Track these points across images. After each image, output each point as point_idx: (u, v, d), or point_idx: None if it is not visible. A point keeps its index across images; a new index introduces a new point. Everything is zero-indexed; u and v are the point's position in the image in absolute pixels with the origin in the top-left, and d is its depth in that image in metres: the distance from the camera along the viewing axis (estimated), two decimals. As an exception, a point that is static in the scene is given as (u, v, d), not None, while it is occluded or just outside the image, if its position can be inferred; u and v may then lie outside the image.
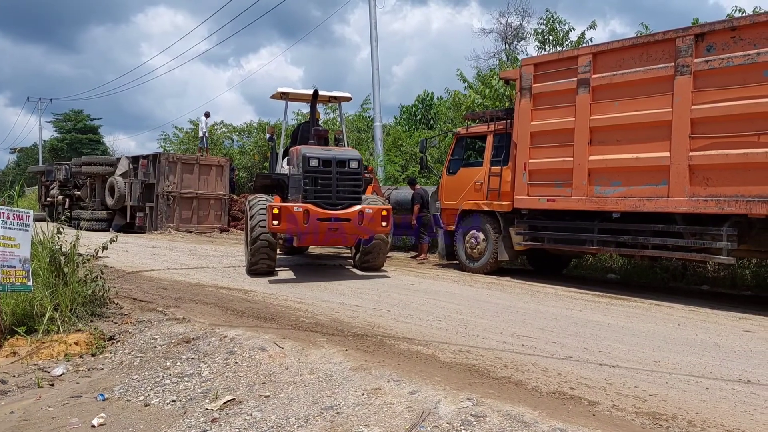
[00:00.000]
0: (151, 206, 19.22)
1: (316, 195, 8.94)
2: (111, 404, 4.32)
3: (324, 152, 9.14)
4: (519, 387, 4.32)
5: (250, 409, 4.06)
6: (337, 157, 9.10)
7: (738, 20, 7.68)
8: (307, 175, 8.93)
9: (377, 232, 9.49)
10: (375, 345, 5.37)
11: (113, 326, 6.25)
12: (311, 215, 8.61)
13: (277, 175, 10.06)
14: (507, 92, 15.26)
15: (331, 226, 8.85)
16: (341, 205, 9.00)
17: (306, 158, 8.91)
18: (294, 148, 9.78)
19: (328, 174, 9.01)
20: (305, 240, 9.42)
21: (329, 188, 9.00)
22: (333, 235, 9.16)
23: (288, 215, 8.50)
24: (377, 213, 9.02)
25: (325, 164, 9.01)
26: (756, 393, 4.32)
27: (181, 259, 11.90)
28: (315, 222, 8.66)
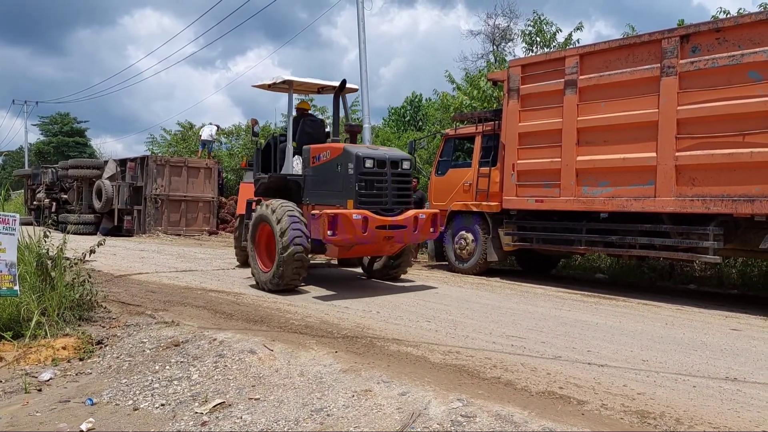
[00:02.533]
0: (139, 209, 19.10)
1: (372, 200, 7.92)
2: (99, 409, 4.29)
3: (377, 152, 8.18)
4: (508, 387, 4.34)
5: (240, 412, 4.05)
6: (391, 158, 8.15)
7: (722, 21, 7.76)
8: (362, 177, 7.84)
9: (428, 239, 8.78)
10: (365, 346, 5.38)
11: (101, 330, 6.21)
12: (370, 223, 7.63)
13: (293, 177, 8.87)
14: (495, 93, 15.32)
15: (388, 234, 7.91)
16: (395, 210, 8.10)
17: (360, 159, 7.84)
18: (328, 146, 8.57)
19: (382, 176, 8.02)
20: (355, 251, 8.48)
21: (384, 192, 8.02)
22: (386, 244, 8.23)
23: (345, 224, 7.46)
24: (429, 218, 8.28)
25: (379, 165, 8.01)
26: (742, 391, 4.36)
27: (170, 262, 11.84)
28: (373, 230, 7.68)
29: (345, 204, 7.89)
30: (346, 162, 7.96)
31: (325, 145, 8.71)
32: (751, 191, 7.25)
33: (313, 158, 8.61)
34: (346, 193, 7.92)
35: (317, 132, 9.47)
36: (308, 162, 8.71)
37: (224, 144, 25.98)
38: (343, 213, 7.51)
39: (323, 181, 8.40)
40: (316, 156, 8.58)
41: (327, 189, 8.32)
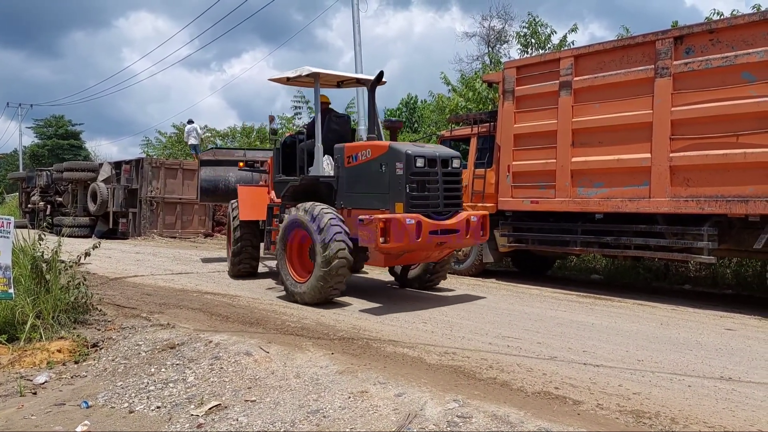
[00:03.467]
0: (134, 212, 19.05)
1: (423, 202, 7.20)
2: (95, 411, 4.28)
3: (426, 149, 7.45)
4: (504, 387, 4.34)
5: (236, 414, 4.05)
6: (441, 155, 7.44)
7: (716, 23, 7.79)
8: (412, 178, 7.11)
9: (478, 243, 8.06)
10: (361, 348, 5.38)
11: (97, 333, 6.19)
12: (424, 228, 6.92)
13: (326, 179, 8.08)
14: (490, 95, 15.36)
15: (440, 239, 7.22)
16: (447, 213, 7.42)
17: (411, 157, 7.09)
18: (368, 144, 7.73)
19: (434, 176, 7.32)
20: (403, 259, 7.69)
21: (435, 193, 7.32)
22: (436, 250, 7.56)
23: (399, 230, 6.76)
24: (480, 220, 7.62)
25: (430, 164, 7.29)
26: (737, 390, 4.38)
27: (165, 265, 11.82)
28: (427, 236, 6.97)
29: (392, 208, 7.17)
30: (393, 161, 7.19)
31: (364, 143, 7.95)
32: (744, 192, 7.29)
33: (348, 158, 7.81)
34: (394, 195, 7.19)
35: (343, 129, 8.80)
36: (342, 162, 7.89)
37: (220, 146, 25.90)
38: (396, 218, 6.81)
39: (362, 183, 7.63)
40: (353, 155, 7.76)
41: (367, 191, 7.55)
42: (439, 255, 7.93)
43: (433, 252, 7.60)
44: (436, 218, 7.18)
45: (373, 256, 7.39)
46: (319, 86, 8.37)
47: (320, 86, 8.50)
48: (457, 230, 7.33)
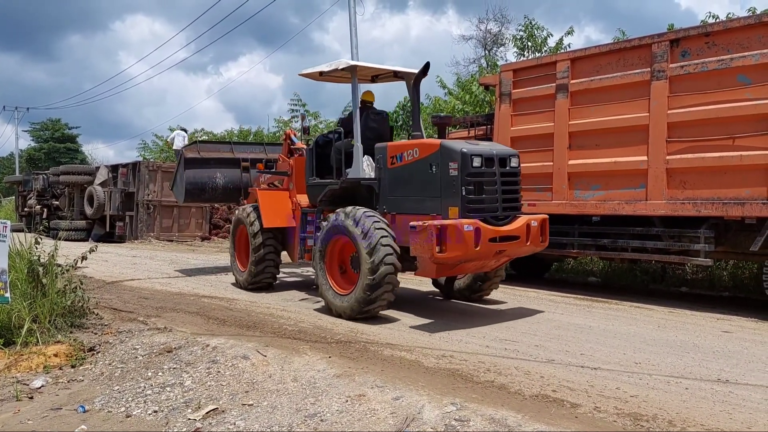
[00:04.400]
0: (131, 215, 19.01)
1: (481, 206, 6.52)
2: (92, 416, 4.27)
3: (482, 147, 6.76)
4: (502, 391, 4.35)
5: (233, 418, 4.04)
6: (499, 154, 6.78)
7: (712, 26, 7.82)
8: (469, 179, 6.43)
9: (538, 250, 7.24)
10: (358, 351, 5.38)
11: (93, 337, 6.18)
12: (483, 235, 6.25)
13: (368, 181, 7.42)
14: (487, 98, 15.39)
15: (500, 247, 6.57)
16: (506, 218, 6.74)
17: (467, 157, 6.42)
18: (416, 143, 7.09)
19: (491, 177, 6.64)
20: (458, 269, 6.96)
21: (494, 196, 6.65)
22: (493, 259, 6.88)
23: (456, 237, 6.07)
24: (540, 225, 6.93)
25: (487, 163, 6.62)
26: (734, 392, 4.39)
27: (162, 268, 11.80)
28: (486, 244, 6.31)
29: (445, 212, 6.51)
30: (445, 161, 6.54)
31: (411, 141, 7.33)
32: (741, 194, 7.31)
33: (392, 158, 7.16)
34: (448, 199, 6.52)
35: (382, 127, 8.08)
36: (384, 162, 7.25)
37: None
38: (453, 224, 6.13)
39: (409, 186, 6.98)
40: (397, 155, 7.11)
41: (415, 195, 6.91)
42: (495, 264, 7.18)
43: (489, 261, 6.91)
44: (494, 223, 6.53)
45: (424, 267, 6.56)
46: (357, 81, 7.73)
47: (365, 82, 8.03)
48: (518, 237, 6.66)
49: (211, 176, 10.78)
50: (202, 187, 10.74)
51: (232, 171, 10.84)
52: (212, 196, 11.15)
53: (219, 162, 10.93)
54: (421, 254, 6.27)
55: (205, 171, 10.81)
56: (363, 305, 6.61)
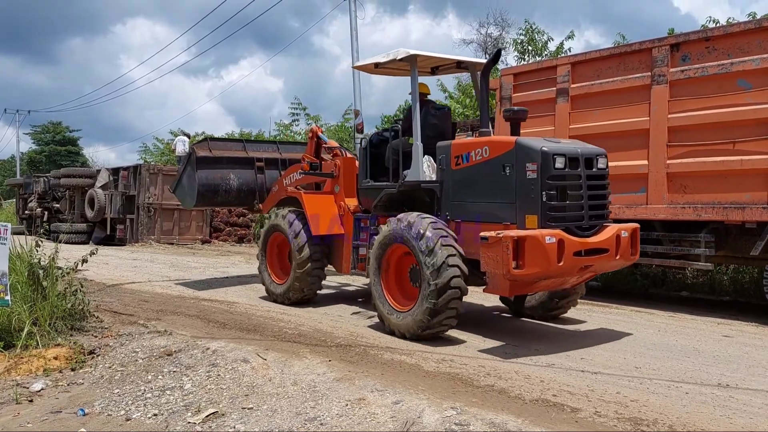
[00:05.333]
0: (131, 218, 19.01)
1: (564, 214, 5.66)
2: (92, 419, 4.27)
3: (565, 146, 5.91)
4: (502, 395, 4.34)
5: (233, 422, 4.04)
6: (585, 153, 5.89)
7: (712, 30, 7.84)
8: (551, 183, 5.57)
9: (627, 265, 6.51)
10: (358, 355, 5.37)
11: (93, 340, 6.17)
12: (567, 248, 5.40)
13: (429, 184, 6.65)
14: (488, 102, 15.37)
15: (586, 262, 5.70)
16: (593, 228, 5.87)
17: (548, 156, 5.57)
18: (485, 140, 6.24)
19: (577, 180, 5.77)
20: (536, 287, 6.01)
21: (579, 202, 5.77)
22: (576, 276, 5.94)
23: (536, 251, 5.24)
24: (631, 235, 6.07)
25: (572, 165, 5.75)
26: (735, 397, 4.38)
27: (163, 271, 11.80)
28: (570, 259, 5.46)
29: (521, 221, 5.67)
30: (522, 161, 5.69)
31: (479, 139, 6.46)
32: (741, 198, 7.31)
33: (457, 158, 6.37)
34: (525, 205, 5.66)
35: (443, 124, 7.30)
36: (447, 163, 6.46)
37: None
38: (533, 236, 5.27)
39: (477, 190, 6.17)
40: (462, 155, 6.31)
41: (484, 200, 6.08)
42: (577, 281, 6.26)
43: (572, 278, 5.98)
44: (579, 234, 5.66)
45: (495, 283, 5.55)
46: (416, 72, 6.93)
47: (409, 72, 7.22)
48: (606, 249, 5.80)
49: (224, 177, 9.59)
50: (215, 190, 9.49)
51: (245, 171, 9.80)
52: (225, 200, 9.88)
53: (232, 162, 9.79)
54: (493, 270, 5.37)
55: (218, 171, 9.61)
56: (422, 328, 5.86)
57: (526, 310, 7.17)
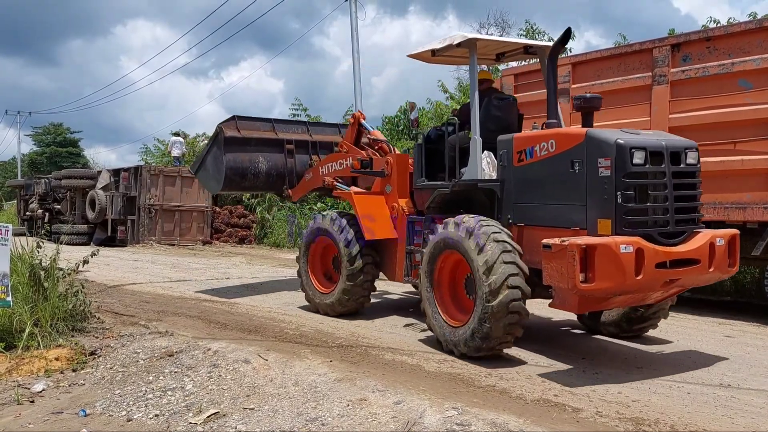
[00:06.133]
0: (132, 219, 19.02)
1: (645, 219, 4.85)
2: (93, 420, 4.27)
3: (645, 138, 5.05)
4: (504, 395, 4.34)
5: (234, 422, 4.04)
6: (670, 146, 5.03)
7: (713, 31, 7.84)
8: (628, 182, 4.76)
9: (724, 278, 5.66)
10: (360, 355, 5.38)
11: (95, 341, 6.18)
12: (647, 259, 4.58)
13: (487, 183, 5.92)
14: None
15: (672, 275, 4.83)
16: (680, 234, 5.00)
17: (625, 150, 4.75)
18: (551, 133, 5.48)
19: (660, 178, 4.92)
20: (610, 303, 5.16)
21: (663, 204, 4.91)
22: (659, 291, 5.07)
23: (609, 262, 4.47)
24: (728, 243, 5.16)
25: (654, 160, 4.91)
26: (736, 397, 4.38)
27: (164, 272, 11.80)
28: (651, 271, 4.63)
29: (592, 226, 4.89)
30: (594, 156, 4.91)
31: (544, 131, 5.71)
32: (742, 198, 7.31)
33: (519, 153, 5.66)
34: (597, 208, 4.88)
35: (508, 116, 6.56)
36: (509, 159, 5.74)
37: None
38: (605, 244, 4.51)
39: (542, 189, 5.43)
40: (526, 150, 5.59)
41: (551, 202, 5.33)
42: (661, 297, 5.33)
43: (654, 293, 5.11)
44: (663, 242, 4.83)
45: (562, 298, 4.90)
46: (475, 58, 6.19)
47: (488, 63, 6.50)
48: (697, 261, 4.90)
49: (253, 160, 8.82)
50: (243, 173, 8.72)
51: (275, 154, 9.06)
52: (253, 184, 9.14)
53: (261, 143, 8.99)
54: (557, 283, 4.65)
55: (246, 154, 8.83)
56: (480, 341, 5.11)
57: (602, 326, 6.28)
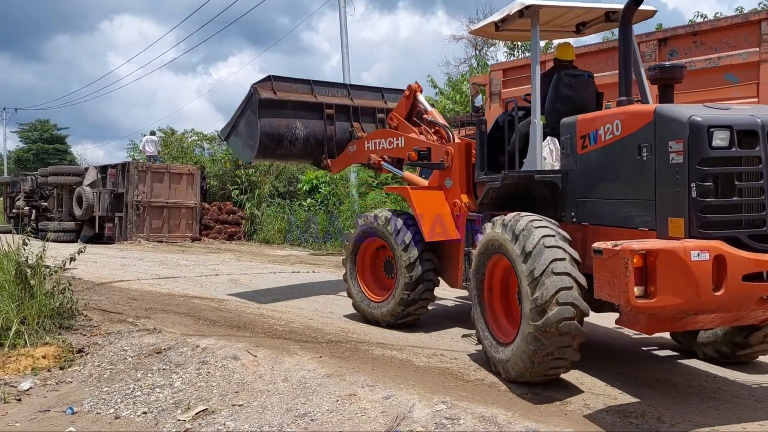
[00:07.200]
0: (120, 216, 18.91)
1: (730, 218, 3.81)
2: (80, 418, 4.24)
3: (735, 114, 3.97)
4: (492, 389, 4.36)
5: (223, 419, 4.03)
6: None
7: (699, 25, 7.91)
8: (706, 170, 3.75)
9: None
10: (349, 351, 5.37)
11: (82, 338, 6.14)
12: (730, 269, 3.58)
13: (543, 175, 5.02)
14: (477, 97, 15.40)
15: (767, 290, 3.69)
16: None
17: (701, 130, 3.75)
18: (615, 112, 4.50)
19: (752, 165, 3.83)
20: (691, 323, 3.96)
21: (757, 199, 3.83)
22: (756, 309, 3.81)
23: (674, 273, 3.53)
24: None
25: (745, 141, 3.83)
26: (722, 389, 4.42)
27: (152, 269, 11.74)
28: (738, 285, 3.60)
29: (662, 227, 3.98)
30: (663, 139, 3.96)
31: (609, 111, 4.74)
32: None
33: (583, 138, 4.72)
34: (668, 204, 3.95)
35: (583, 95, 5.51)
36: (572, 146, 4.83)
37: (207, 150, 25.82)
38: (669, 249, 3.55)
39: (608, 181, 4.54)
40: (590, 134, 4.64)
41: (617, 196, 4.43)
42: (763, 317, 4.08)
43: (749, 312, 3.88)
44: (756, 248, 3.73)
45: (629, 315, 3.92)
46: (537, 29, 5.22)
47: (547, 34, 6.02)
48: None
49: (290, 126, 8.03)
50: (279, 140, 7.93)
51: (314, 120, 8.28)
52: (289, 152, 8.23)
53: (298, 107, 8.16)
54: (609, 297, 3.75)
55: (283, 119, 8.03)
56: (528, 364, 4.22)
57: (698, 348, 5.12)
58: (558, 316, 4.00)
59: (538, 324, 4.04)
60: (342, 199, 17.22)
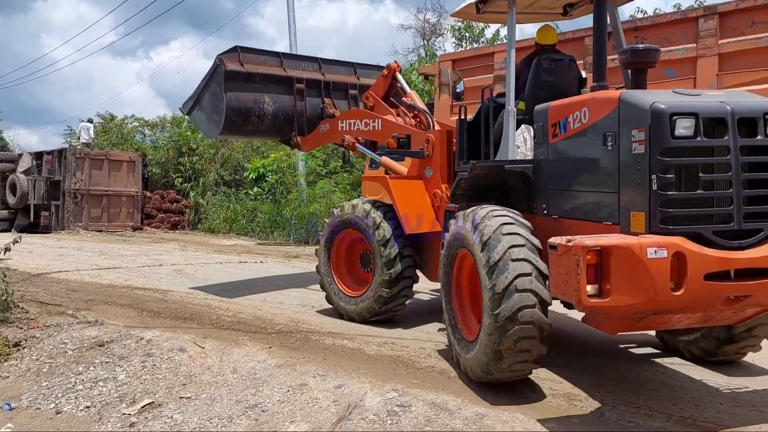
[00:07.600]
0: (57, 205, 18.25)
1: (695, 213, 3.50)
2: (19, 413, 4.08)
3: (703, 101, 3.68)
4: (442, 376, 4.42)
5: (170, 412, 3.95)
6: (740, 111, 3.53)
7: (640, 21, 8.14)
8: (669, 161, 3.46)
9: None
10: (300, 341, 5.34)
11: (19, 332, 5.89)
12: (690, 268, 3.34)
13: (515, 165, 4.76)
14: (426, 87, 15.51)
15: (736, 290, 3.43)
16: (752, 234, 3.52)
17: (663, 117, 3.47)
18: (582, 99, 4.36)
19: (721, 156, 3.52)
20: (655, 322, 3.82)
21: (725, 192, 3.50)
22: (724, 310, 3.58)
23: (628, 270, 3.31)
24: None
25: (712, 130, 3.54)
26: (660, 371, 4.60)
27: (92, 260, 11.36)
28: (700, 284, 3.36)
29: (624, 221, 3.72)
30: (627, 127, 3.71)
31: (577, 98, 4.59)
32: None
33: (554, 126, 4.47)
34: (630, 197, 3.69)
35: (564, 80, 5.28)
36: (544, 134, 4.59)
37: (148, 136, 25.09)
38: (624, 245, 3.34)
39: (575, 172, 4.30)
40: (560, 122, 4.39)
41: (584, 187, 4.21)
42: (733, 318, 3.86)
43: (717, 312, 3.63)
44: (722, 245, 3.45)
45: (592, 316, 3.72)
46: (514, 11, 4.93)
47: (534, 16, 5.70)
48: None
49: (257, 100, 7.57)
50: (247, 115, 7.46)
51: (283, 96, 7.83)
52: (257, 128, 7.75)
53: (267, 80, 7.68)
54: (563, 296, 3.55)
55: (251, 93, 7.55)
56: (490, 361, 3.92)
57: (683, 346, 4.87)
58: (516, 304, 3.74)
59: (497, 312, 3.78)
60: (290, 188, 17.05)
